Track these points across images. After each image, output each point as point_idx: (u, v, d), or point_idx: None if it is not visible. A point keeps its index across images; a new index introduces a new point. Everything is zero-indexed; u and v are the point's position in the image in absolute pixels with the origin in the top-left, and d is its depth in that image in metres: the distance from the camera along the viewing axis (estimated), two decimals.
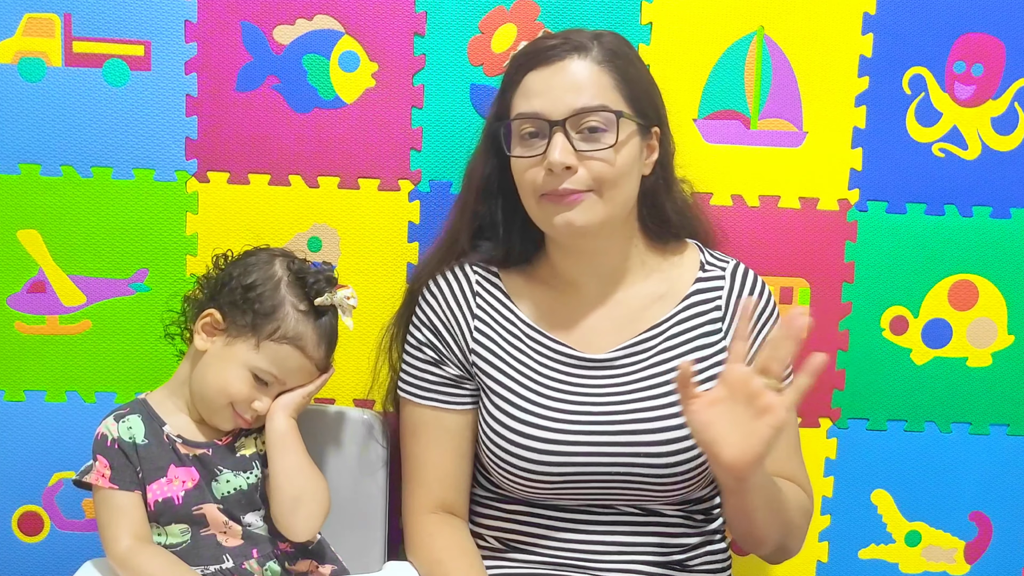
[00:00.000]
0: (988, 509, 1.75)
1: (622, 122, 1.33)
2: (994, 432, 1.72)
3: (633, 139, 1.36)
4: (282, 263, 1.39)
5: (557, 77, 1.33)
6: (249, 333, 1.35)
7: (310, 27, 1.60)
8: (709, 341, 1.43)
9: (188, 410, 1.40)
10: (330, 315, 1.39)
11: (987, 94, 1.67)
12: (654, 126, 1.40)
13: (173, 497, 1.34)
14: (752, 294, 1.45)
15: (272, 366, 1.35)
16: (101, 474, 1.34)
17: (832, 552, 1.74)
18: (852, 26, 1.64)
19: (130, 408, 1.39)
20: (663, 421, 1.37)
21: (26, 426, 1.65)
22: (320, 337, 1.38)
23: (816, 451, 1.71)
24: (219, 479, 1.37)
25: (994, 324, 1.71)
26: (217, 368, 1.36)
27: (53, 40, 1.58)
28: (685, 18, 1.63)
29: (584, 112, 1.31)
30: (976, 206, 1.68)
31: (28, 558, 1.68)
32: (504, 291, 1.46)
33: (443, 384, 1.45)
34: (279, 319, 1.34)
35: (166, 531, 1.35)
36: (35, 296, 1.62)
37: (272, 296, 1.35)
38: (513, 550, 1.45)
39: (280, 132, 1.61)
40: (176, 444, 1.37)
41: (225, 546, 1.36)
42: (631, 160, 1.35)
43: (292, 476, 1.36)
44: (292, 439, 1.37)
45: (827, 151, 1.66)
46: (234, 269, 1.39)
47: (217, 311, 1.37)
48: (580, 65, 1.33)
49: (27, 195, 1.61)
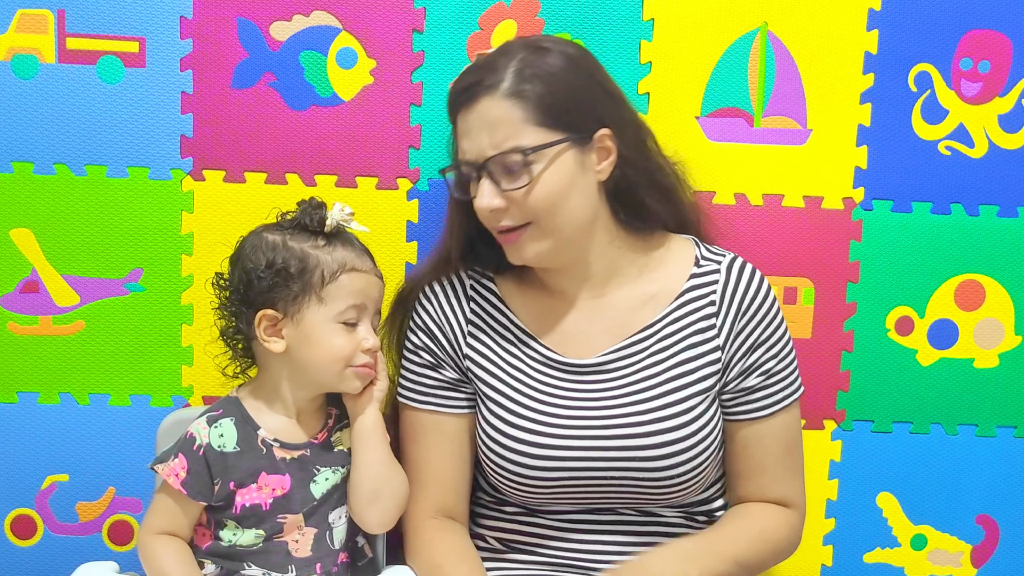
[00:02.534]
0: (995, 512, 1.74)
1: (539, 155, 1.30)
2: (1001, 434, 1.72)
3: (563, 160, 1.32)
4: (270, 230, 1.37)
5: (473, 120, 1.33)
6: (305, 297, 1.33)
7: (307, 23, 1.59)
8: (703, 338, 1.41)
9: (284, 409, 1.38)
10: (344, 233, 1.38)
11: (994, 91, 1.66)
12: (597, 130, 1.34)
13: (261, 504, 1.33)
14: (749, 289, 1.42)
15: (347, 300, 1.33)
16: (175, 472, 1.31)
17: (837, 556, 1.73)
18: (857, 22, 1.63)
19: (223, 410, 1.36)
20: (656, 424, 1.36)
21: (19, 428, 1.64)
22: (356, 250, 1.37)
23: (821, 453, 1.70)
24: (317, 478, 1.36)
25: (1001, 325, 1.70)
26: (309, 346, 1.33)
27: (46, 36, 1.57)
28: (688, 14, 1.62)
29: (497, 155, 1.31)
30: (983, 205, 1.67)
31: (21, 562, 1.66)
32: (499, 296, 1.46)
33: (441, 388, 1.44)
34: (316, 265, 1.33)
35: (243, 532, 1.34)
36: (28, 296, 1.61)
37: (292, 255, 1.33)
38: (514, 551, 1.45)
39: (277, 130, 1.61)
40: (273, 448, 1.35)
41: (293, 556, 1.34)
42: (563, 184, 1.32)
43: (376, 469, 1.36)
44: (381, 432, 1.38)
45: (832, 149, 1.65)
46: (242, 269, 1.36)
47: (264, 308, 1.34)
48: (490, 105, 1.31)
49: (20, 193, 1.60)
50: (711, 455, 1.38)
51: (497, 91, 1.31)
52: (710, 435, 1.38)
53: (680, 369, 1.39)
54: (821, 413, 1.70)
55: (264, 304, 1.33)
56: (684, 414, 1.36)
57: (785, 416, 1.44)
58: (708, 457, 1.37)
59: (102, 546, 1.66)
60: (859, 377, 1.69)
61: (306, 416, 1.38)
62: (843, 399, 1.70)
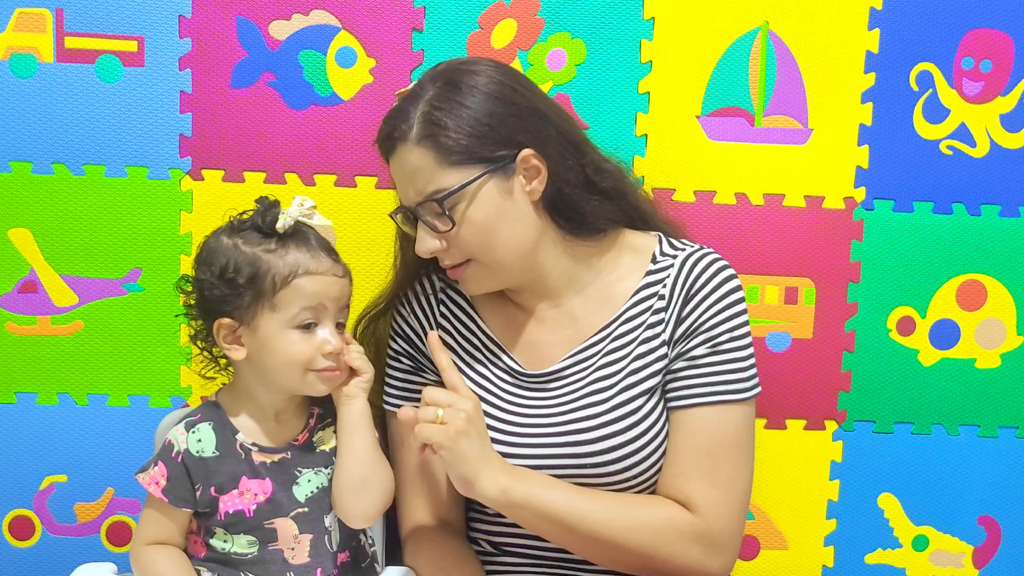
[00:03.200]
0: (997, 513, 1.73)
1: (456, 197, 1.29)
2: (1003, 435, 1.71)
3: (485, 193, 1.30)
4: (226, 232, 1.33)
5: (395, 169, 1.34)
6: (258, 304, 1.29)
7: (306, 22, 1.59)
8: (652, 334, 1.36)
9: (260, 412, 1.35)
10: (305, 229, 1.33)
11: (996, 90, 1.65)
12: (518, 153, 1.30)
13: (244, 510, 1.30)
14: (700, 278, 1.36)
15: (300, 303, 1.29)
16: (155, 481, 1.30)
17: (838, 557, 1.73)
18: (858, 21, 1.62)
19: (202, 415, 1.34)
20: (601, 429, 1.33)
21: (17, 429, 1.63)
22: (312, 249, 1.31)
23: (822, 454, 1.70)
24: (299, 481, 1.33)
25: (1003, 325, 1.70)
26: (268, 354, 1.30)
27: (45, 35, 1.56)
28: (688, 13, 1.61)
29: (421, 205, 1.31)
30: (985, 204, 1.67)
31: (19, 563, 1.66)
32: (469, 302, 1.45)
33: None
34: (267, 270, 1.28)
35: (233, 539, 1.32)
36: (26, 296, 1.61)
37: (244, 261, 1.29)
38: (505, 553, 1.44)
39: (276, 129, 1.60)
40: (251, 453, 1.32)
41: (291, 563, 1.32)
42: (490, 217, 1.30)
43: (362, 458, 1.32)
44: (367, 422, 1.34)
45: (833, 148, 1.65)
46: (200, 274, 1.33)
47: (221, 317, 1.32)
48: (404, 153, 1.31)
49: (18, 193, 1.59)
50: (663, 453, 1.35)
51: (407, 139, 1.29)
52: (660, 434, 1.34)
53: (629, 368, 1.35)
54: (822, 414, 1.69)
55: (220, 313, 1.31)
56: (631, 415, 1.33)
57: (712, 413, 1.33)
58: (660, 456, 1.34)
59: (100, 547, 1.66)
60: (860, 377, 1.69)
61: (285, 417, 1.35)
62: (844, 399, 1.69)
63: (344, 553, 1.36)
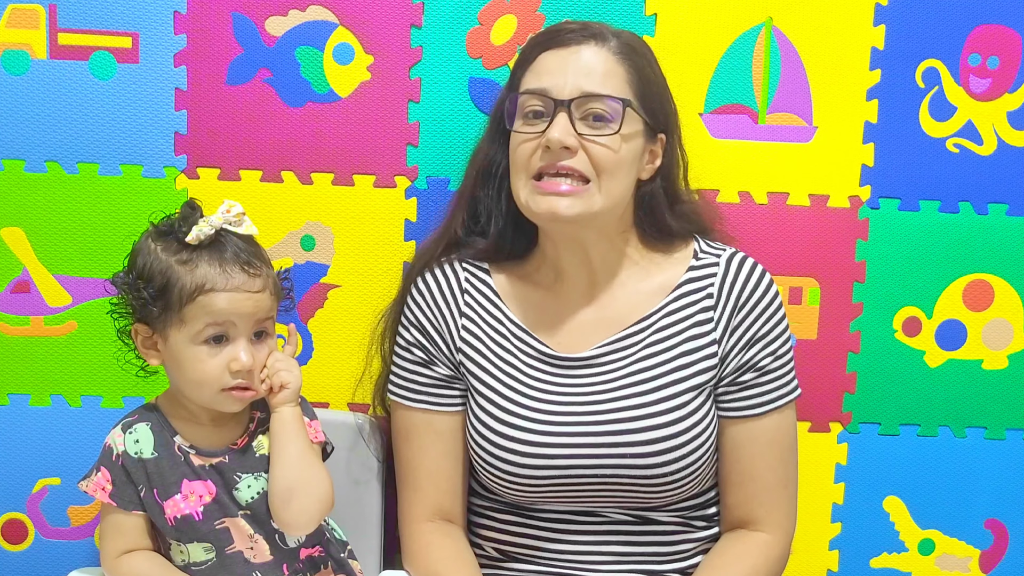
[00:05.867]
0: (1004, 516, 1.73)
1: (628, 114, 1.32)
2: (1010, 437, 1.71)
3: (637, 137, 1.35)
4: (153, 234, 1.30)
5: (571, 59, 1.34)
6: (168, 316, 1.26)
7: (303, 18, 1.58)
8: (700, 332, 1.39)
9: (195, 416, 1.33)
10: (226, 239, 1.29)
11: (1003, 87, 1.64)
12: (661, 131, 1.39)
13: (192, 514, 1.29)
14: (748, 281, 1.40)
15: (206, 319, 1.26)
16: (101, 487, 1.29)
17: (843, 561, 1.72)
18: (863, 17, 1.61)
19: (139, 416, 1.33)
20: (648, 420, 1.35)
21: (10, 431, 1.62)
22: (223, 266, 1.27)
23: (826, 457, 1.69)
24: (239, 486, 1.31)
25: (1010, 325, 1.69)
26: (177, 367, 1.29)
27: (38, 32, 1.55)
28: (691, 8, 1.60)
29: (592, 96, 1.31)
30: (992, 203, 1.66)
31: (12, 567, 1.65)
32: (493, 289, 1.44)
33: (433, 385, 1.43)
34: (174, 283, 1.25)
35: (188, 550, 1.30)
36: (19, 296, 1.60)
37: (157, 268, 1.26)
38: (511, 559, 1.44)
39: (272, 127, 1.59)
40: (189, 456, 1.31)
41: (254, 563, 1.31)
42: (631, 156, 1.34)
43: (288, 466, 1.30)
44: (292, 428, 1.31)
45: (838, 146, 1.64)
46: (124, 276, 1.31)
47: (139, 323, 1.30)
48: (596, 52, 1.34)
49: (11, 192, 1.58)
50: (706, 452, 1.36)
51: (606, 45, 1.34)
52: (705, 431, 1.36)
53: (675, 363, 1.37)
54: (827, 415, 1.68)
55: (138, 318, 1.29)
56: (678, 409, 1.35)
57: (779, 418, 1.41)
58: (703, 454, 1.36)
59: (94, 551, 1.63)
60: (866, 379, 1.68)
61: (223, 421, 1.33)
62: (849, 401, 1.68)
63: (312, 548, 1.34)
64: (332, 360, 1.62)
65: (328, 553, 1.37)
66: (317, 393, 1.61)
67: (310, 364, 1.62)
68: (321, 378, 1.62)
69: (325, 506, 1.32)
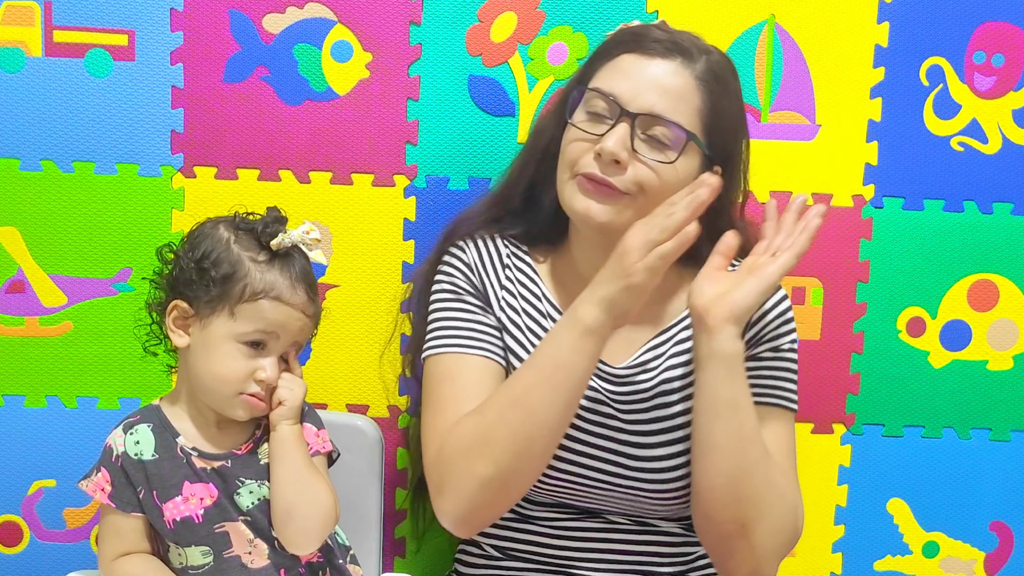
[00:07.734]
0: (1009, 519, 1.73)
1: (689, 147, 1.28)
2: (1015, 438, 1.70)
3: (692, 166, 1.30)
4: (226, 224, 1.32)
5: (650, 70, 1.29)
6: (220, 305, 1.27)
7: (301, 15, 1.57)
8: None
9: (200, 417, 1.33)
10: (297, 256, 1.32)
11: (1008, 85, 1.64)
12: (719, 164, 1.32)
13: (192, 516, 1.28)
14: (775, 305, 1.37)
15: (256, 325, 1.27)
16: (100, 487, 1.28)
17: (846, 564, 1.72)
18: (867, 14, 1.61)
19: (141, 416, 1.32)
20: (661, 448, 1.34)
21: (4, 432, 1.61)
22: (293, 280, 1.29)
23: (830, 458, 1.69)
24: (241, 491, 1.30)
25: (1015, 326, 1.69)
26: (205, 356, 1.28)
27: (33, 29, 1.54)
28: (693, 6, 1.60)
29: (658, 119, 1.27)
30: (996, 202, 1.66)
31: (7, 570, 1.64)
32: (534, 269, 1.42)
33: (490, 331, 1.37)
34: (242, 277, 1.27)
35: (186, 553, 1.29)
36: (14, 296, 1.59)
37: (227, 258, 1.28)
38: (510, 558, 1.43)
39: (270, 125, 1.58)
40: (191, 457, 1.30)
41: (251, 568, 1.30)
42: (677, 184, 1.28)
43: (284, 487, 1.29)
44: (290, 447, 1.30)
45: (841, 145, 1.63)
46: (182, 251, 1.32)
47: (181, 300, 1.30)
48: (677, 71, 1.28)
49: (5, 191, 1.57)
50: None
51: (691, 66, 1.28)
52: None
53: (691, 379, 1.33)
54: (830, 417, 1.68)
55: (181, 294, 1.29)
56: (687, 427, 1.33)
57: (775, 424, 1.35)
58: None
59: (90, 554, 1.63)
60: (869, 380, 1.67)
61: (228, 425, 1.32)
62: (853, 402, 1.67)
63: (312, 554, 1.33)
64: (331, 360, 1.61)
65: (327, 560, 1.36)
66: (316, 394, 1.60)
67: (308, 364, 1.61)
68: (320, 378, 1.61)
69: (327, 524, 1.31)
